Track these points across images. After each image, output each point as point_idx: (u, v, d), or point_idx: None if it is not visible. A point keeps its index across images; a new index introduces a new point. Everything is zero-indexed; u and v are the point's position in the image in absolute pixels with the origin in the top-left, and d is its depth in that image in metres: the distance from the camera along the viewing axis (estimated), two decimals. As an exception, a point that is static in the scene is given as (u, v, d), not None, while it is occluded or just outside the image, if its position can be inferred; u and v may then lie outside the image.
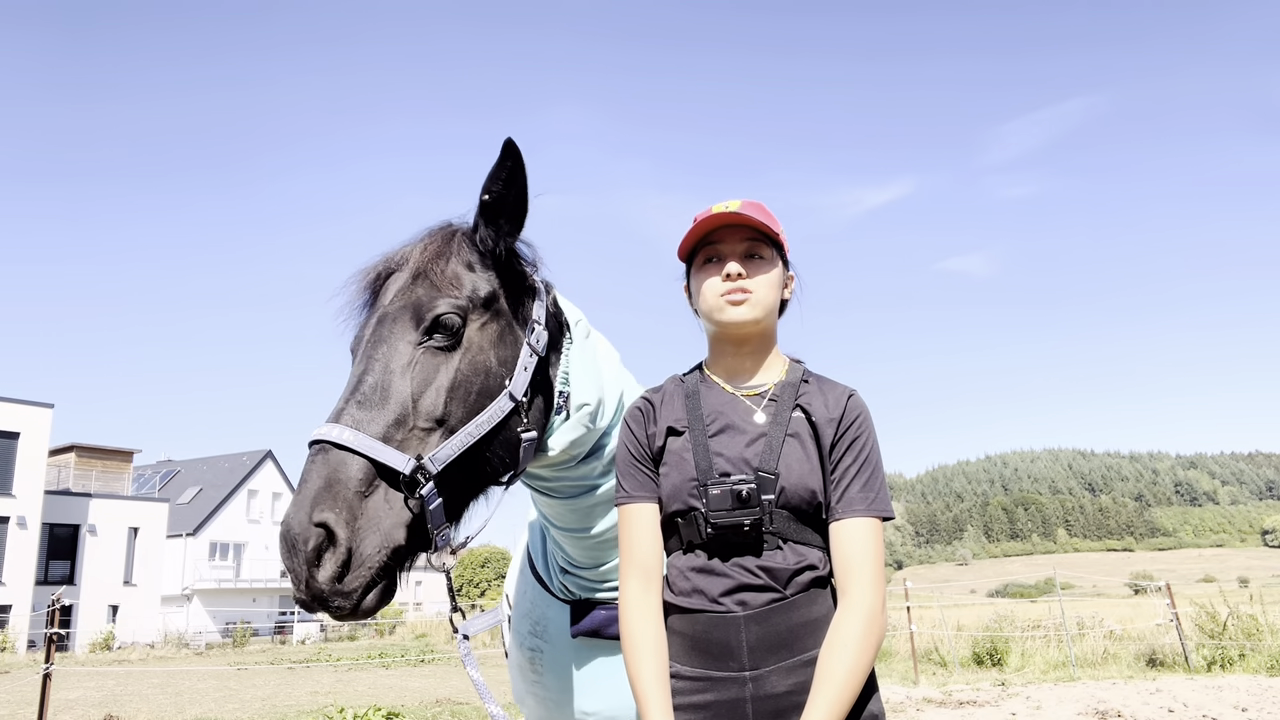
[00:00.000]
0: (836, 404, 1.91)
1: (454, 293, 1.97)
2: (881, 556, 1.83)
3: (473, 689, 16.33)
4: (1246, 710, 10.61)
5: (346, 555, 1.67)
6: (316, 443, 1.76)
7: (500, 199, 2.03)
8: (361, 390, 1.85)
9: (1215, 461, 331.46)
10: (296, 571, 1.64)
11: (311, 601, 1.66)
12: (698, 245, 2.01)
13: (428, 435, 1.85)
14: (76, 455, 47.28)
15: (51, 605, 11.02)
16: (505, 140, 1.97)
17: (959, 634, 20.01)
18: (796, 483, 1.82)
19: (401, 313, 1.95)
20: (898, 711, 11.62)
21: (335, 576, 1.65)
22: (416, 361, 1.89)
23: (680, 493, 1.86)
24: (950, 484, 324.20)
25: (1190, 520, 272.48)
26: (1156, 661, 16.35)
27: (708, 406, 1.94)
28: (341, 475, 1.72)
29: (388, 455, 1.76)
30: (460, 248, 2.05)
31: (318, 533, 1.65)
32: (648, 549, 1.88)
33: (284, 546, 1.66)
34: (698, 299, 2.01)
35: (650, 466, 1.93)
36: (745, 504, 1.78)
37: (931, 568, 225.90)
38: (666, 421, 1.95)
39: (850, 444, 1.87)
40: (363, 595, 1.69)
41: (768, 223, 1.95)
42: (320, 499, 1.68)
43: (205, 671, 22.01)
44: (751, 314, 1.92)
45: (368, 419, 1.80)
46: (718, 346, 2.02)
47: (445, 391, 1.89)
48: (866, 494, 1.84)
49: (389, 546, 1.72)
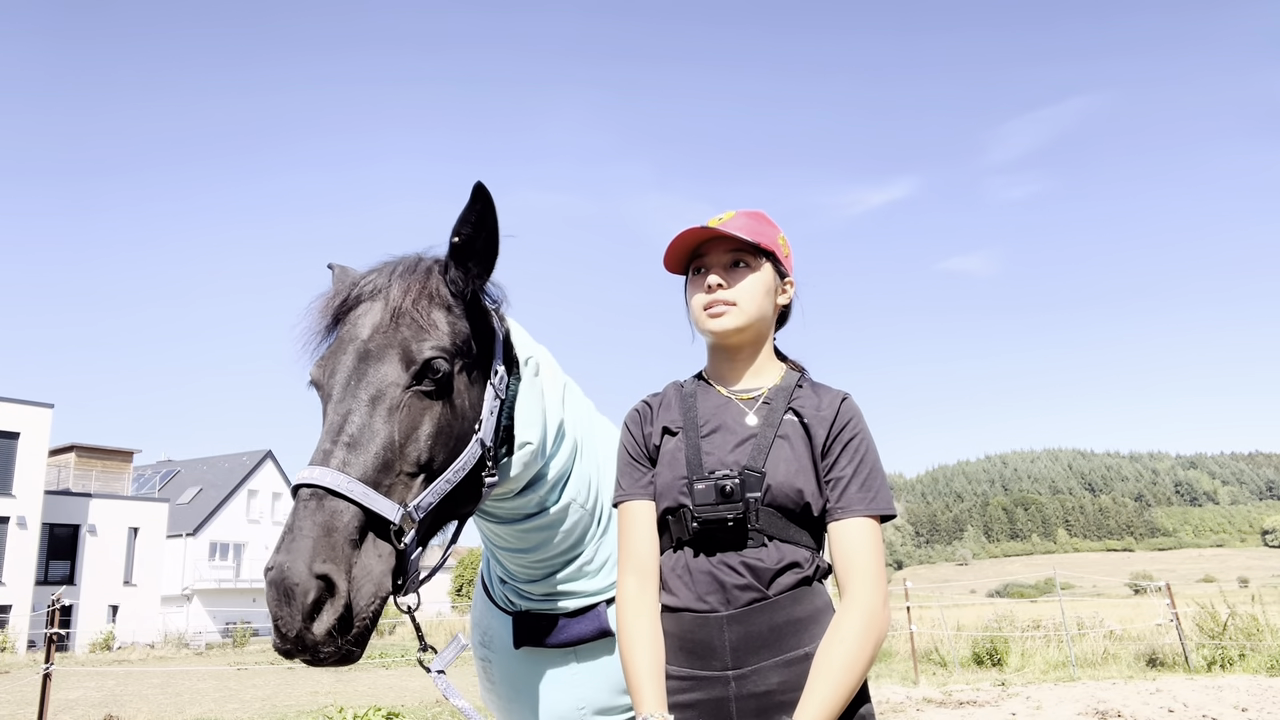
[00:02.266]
0: (829, 407, 1.96)
1: (440, 336, 1.94)
2: (881, 555, 1.86)
3: (471, 689, 16.34)
4: (1246, 710, 10.61)
5: (345, 608, 1.64)
6: (308, 486, 1.72)
7: (470, 241, 2.02)
8: (348, 432, 1.80)
9: (1215, 461, 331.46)
10: (287, 621, 1.59)
11: (300, 650, 1.62)
12: (690, 258, 2.08)
13: (411, 481, 1.83)
14: (76, 455, 47.30)
15: (51, 605, 11.02)
16: (475, 184, 1.96)
17: (959, 634, 20.01)
18: (783, 481, 1.85)
19: (386, 353, 1.89)
20: (898, 711, 11.62)
21: (332, 629, 1.62)
22: (404, 405, 1.85)
23: (671, 490, 1.92)
24: (950, 484, 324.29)
25: (1190, 520, 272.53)
26: (1156, 661, 16.35)
27: (702, 409, 2.01)
28: (337, 524, 1.68)
29: (380, 504, 1.73)
30: (439, 288, 2.01)
31: (318, 584, 1.61)
32: (644, 547, 1.94)
33: (277, 594, 1.59)
34: (688, 310, 2.09)
35: (647, 465, 2.00)
36: (729, 498, 1.83)
37: (931, 568, 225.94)
38: (662, 422, 2.02)
39: (845, 445, 1.91)
40: (357, 646, 1.68)
41: (749, 235, 1.98)
42: (319, 549, 1.64)
43: (205, 671, 22.02)
44: (733, 323, 1.98)
45: (357, 463, 1.76)
46: (713, 353, 2.10)
47: (430, 438, 1.87)
48: (865, 494, 1.87)
49: (381, 596, 1.71)
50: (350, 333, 1.96)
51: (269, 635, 11.58)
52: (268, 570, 1.63)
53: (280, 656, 1.66)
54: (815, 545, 1.90)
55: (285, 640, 1.61)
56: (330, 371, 1.93)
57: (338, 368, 1.91)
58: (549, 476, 2.26)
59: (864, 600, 1.79)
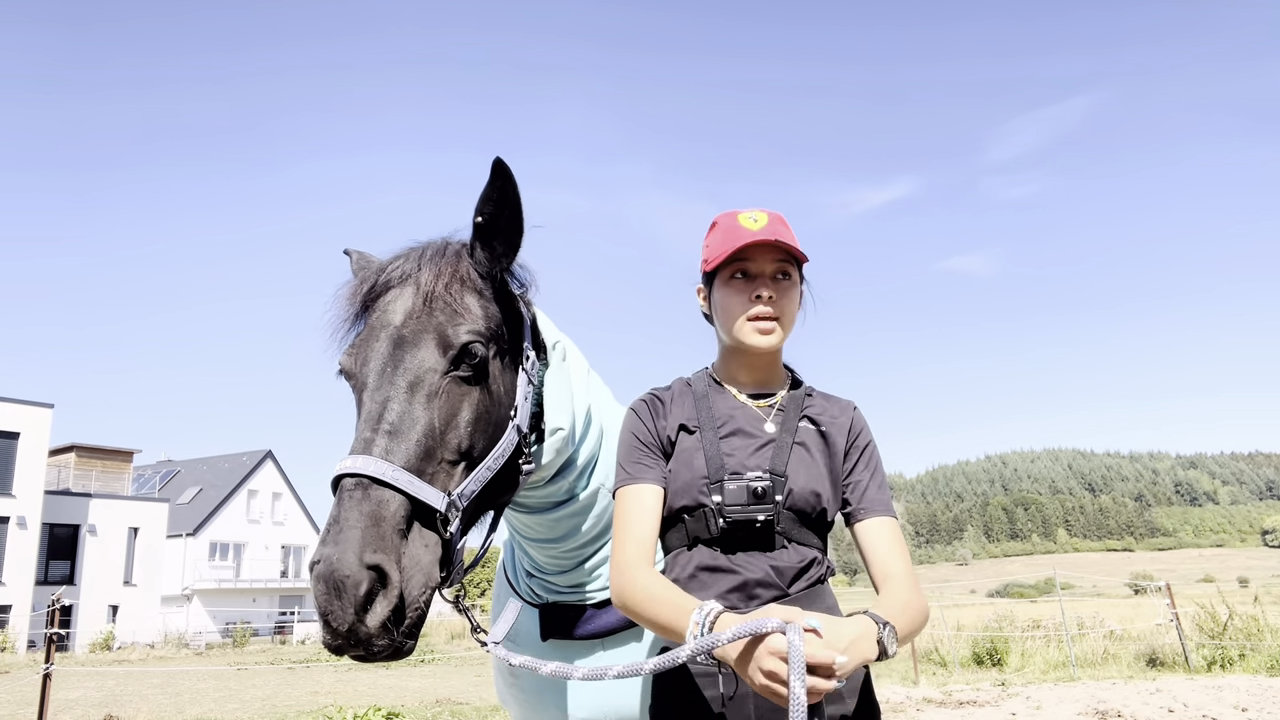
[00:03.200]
0: (844, 417, 2.03)
1: (475, 321, 1.91)
2: (908, 551, 1.92)
3: (471, 689, 16.34)
4: (1246, 710, 10.60)
5: (399, 599, 1.59)
6: (352, 476, 1.67)
7: (493, 220, 1.98)
8: (388, 419, 1.76)
9: (1215, 461, 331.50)
10: (339, 615, 1.54)
11: (352, 645, 1.57)
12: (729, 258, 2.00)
13: (452, 469, 1.80)
14: (76, 455, 47.28)
15: (51, 605, 11.01)
16: (494, 160, 1.92)
17: (959, 634, 20.02)
18: (804, 486, 1.89)
19: (422, 338, 1.86)
20: (898, 711, 11.61)
21: (386, 621, 1.57)
22: (442, 391, 1.82)
23: (690, 489, 1.90)
24: (950, 484, 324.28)
25: (1190, 520, 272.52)
26: (1156, 661, 16.36)
27: (719, 410, 2.00)
28: (384, 514, 1.63)
29: (426, 493, 1.69)
30: (469, 271, 1.98)
31: (370, 575, 1.56)
32: (647, 527, 1.88)
33: (326, 588, 1.54)
34: (721, 314, 2.02)
35: (658, 454, 1.96)
36: (760, 500, 1.84)
37: (931, 568, 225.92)
38: (678, 419, 1.99)
39: (861, 453, 2.01)
40: (409, 638, 1.64)
41: (797, 244, 1.98)
42: (368, 540, 1.58)
43: (205, 671, 22.01)
44: (778, 341, 1.99)
45: (400, 451, 1.72)
46: (731, 358, 2.06)
47: (469, 425, 1.84)
48: (882, 495, 1.97)
49: (431, 586, 1.67)
50: (381, 319, 1.91)
51: (269, 635, 11.53)
52: (314, 564, 1.58)
53: (330, 654, 1.61)
54: (823, 546, 1.94)
55: (336, 635, 1.56)
56: (363, 359, 1.88)
57: (371, 355, 1.87)
58: (579, 462, 2.23)
59: (913, 579, 1.84)
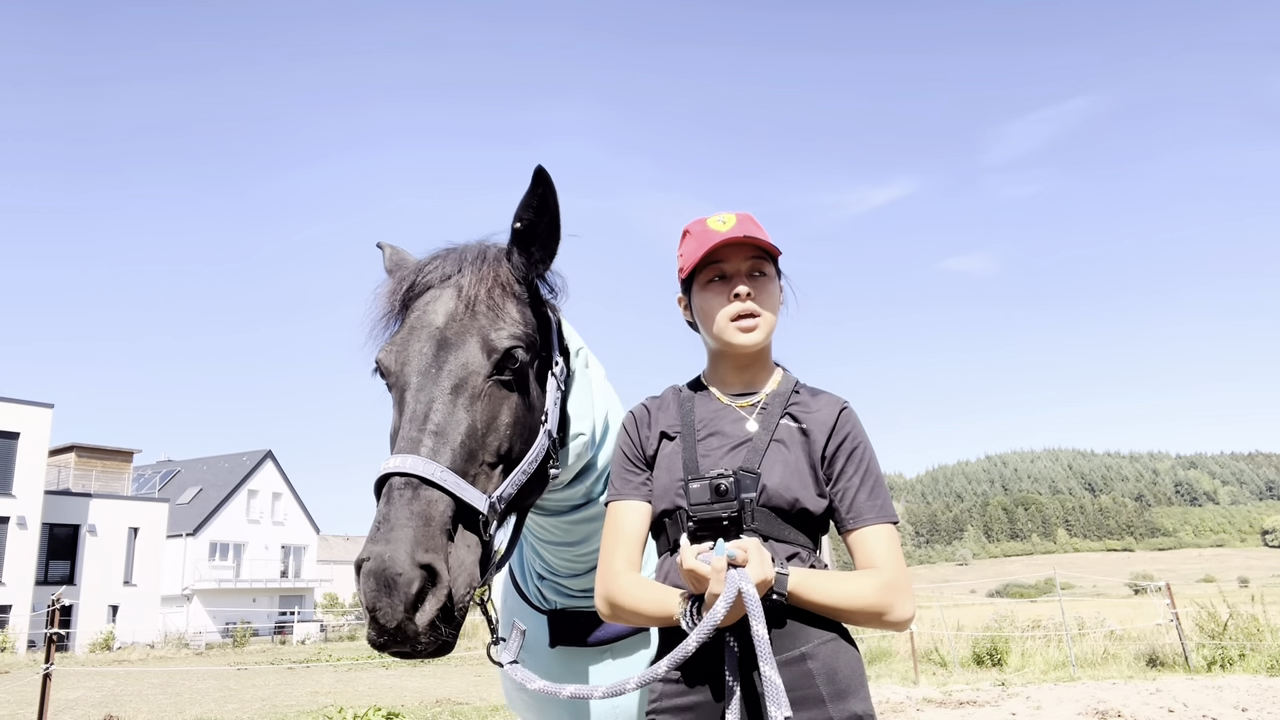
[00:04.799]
0: (829, 415, 1.98)
1: (515, 326, 1.94)
2: (902, 557, 1.89)
3: (471, 689, 16.35)
4: (1246, 710, 10.60)
5: (448, 598, 1.62)
6: (401, 475, 1.69)
7: (532, 227, 2.02)
8: (433, 420, 1.78)
9: (1215, 461, 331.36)
10: (388, 612, 1.56)
11: (398, 642, 1.59)
12: (702, 262, 2.03)
13: (491, 472, 1.83)
14: (76, 455, 47.28)
15: (51, 605, 11.00)
16: (536, 167, 1.96)
17: (959, 634, 20.01)
18: (779, 484, 1.87)
19: (466, 341, 1.88)
20: (898, 711, 11.61)
21: (435, 620, 1.60)
22: (485, 394, 1.85)
23: (668, 492, 1.93)
24: (950, 484, 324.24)
25: (1190, 520, 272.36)
26: (1156, 661, 16.36)
27: (700, 414, 2.01)
28: (433, 514, 1.66)
29: (471, 495, 1.73)
30: (509, 277, 2.00)
31: (421, 574, 1.58)
32: (633, 536, 1.95)
33: (376, 585, 1.56)
34: (702, 318, 2.05)
35: (642, 468, 2.01)
36: (723, 497, 1.82)
37: (931, 568, 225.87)
38: (660, 427, 2.02)
39: (849, 455, 1.94)
40: (454, 637, 1.66)
41: (769, 239, 2.00)
42: (419, 539, 1.61)
43: (205, 671, 22.02)
44: (762, 337, 1.99)
45: (445, 452, 1.75)
46: (718, 360, 2.08)
47: (509, 428, 1.88)
48: (874, 502, 1.92)
49: (475, 586, 1.71)
50: (421, 320, 1.94)
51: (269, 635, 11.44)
52: (363, 561, 1.60)
53: (375, 650, 1.63)
54: (812, 546, 1.91)
55: (383, 632, 1.58)
56: (404, 359, 1.91)
57: (413, 355, 1.90)
58: (597, 466, 2.27)
59: (886, 573, 1.83)
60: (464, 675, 19.80)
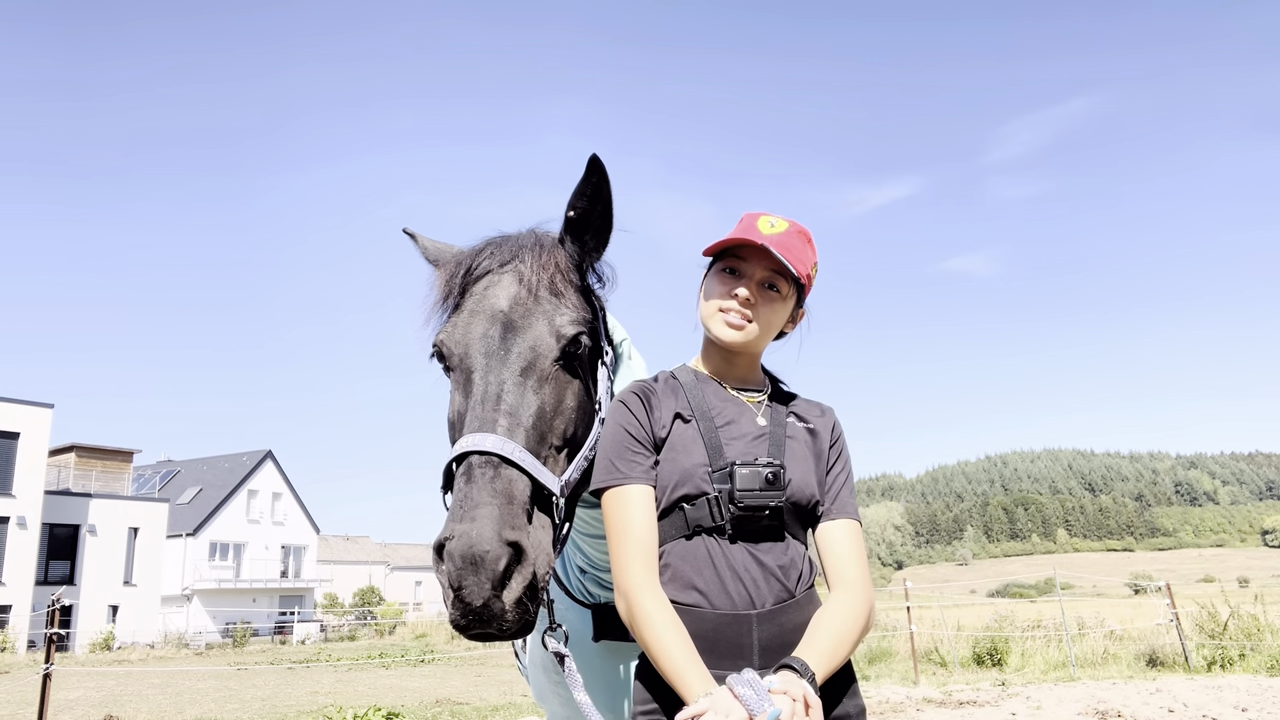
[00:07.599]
0: (827, 417, 2.08)
1: (576, 312, 1.96)
2: (865, 556, 1.95)
3: (471, 689, 16.34)
4: (1246, 710, 10.60)
5: (533, 577, 1.61)
6: (480, 454, 1.68)
7: (586, 215, 2.03)
8: (506, 401, 1.79)
9: (1215, 461, 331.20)
10: (475, 590, 1.53)
11: (481, 622, 1.56)
12: (726, 249, 2.03)
13: (558, 455, 1.85)
14: (76, 455, 47.28)
15: (51, 605, 11.02)
16: (590, 156, 1.97)
17: (959, 634, 20.00)
18: (800, 480, 1.91)
19: (533, 324, 1.90)
20: (898, 711, 11.61)
21: (520, 598, 1.58)
22: (551, 378, 1.87)
23: (692, 477, 1.87)
24: (950, 484, 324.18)
25: (1190, 520, 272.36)
26: (1156, 661, 16.35)
27: (711, 400, 1.99)
28: (515, 493, 1.66)
29: (545, 476, 1.73)
30: (566, 264, 2.02)
31: (509, 552, 1.57)
32: (648, 534, 1.87)
33: (463, 564, 1.53)
34: (701, 298, 2.07)
35: (649, 451, 1.92)
36: (773, 485, 1.83)
37: (931, 568, 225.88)
38: (672, 409, 1.96)
39: (839, 455, 2.04)
40: (535, 616, 1.65)
41: (794, 262, 1.96)
42: (505, 517, 1.60)
43: (205, 671, 22.03)
44: (741, 340, 1.98)
45: (520, 433, 1.75)
46: (712, 348, 2.08)
47: (573, 412, 1.90)
48: (851, 500, 1.99)
49: (552, 567, 1.70)
50: (483, 304, 1.95)
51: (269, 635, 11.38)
52: (445, 540, 1.57)
53: (456, 632, 1.60)
54: (809, 545, 1.95)
55: (468, 612, 1.55)
56: (467, 342, 1.91)
57: (476, 337, 1.90)
58: None
59: (863, 590, 1.85)
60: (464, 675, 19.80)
